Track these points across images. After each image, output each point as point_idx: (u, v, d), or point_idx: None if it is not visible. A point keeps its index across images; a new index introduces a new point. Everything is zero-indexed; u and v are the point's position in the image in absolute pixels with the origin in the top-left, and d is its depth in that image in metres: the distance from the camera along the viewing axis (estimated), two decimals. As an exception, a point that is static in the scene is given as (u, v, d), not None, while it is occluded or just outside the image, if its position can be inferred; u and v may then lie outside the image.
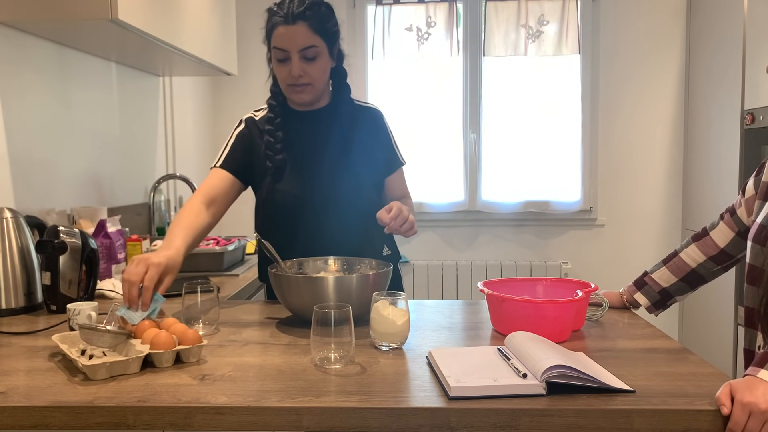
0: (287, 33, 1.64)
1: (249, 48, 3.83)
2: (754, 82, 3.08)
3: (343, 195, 1.73)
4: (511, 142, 3.90)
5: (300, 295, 1.46)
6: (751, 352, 1.36)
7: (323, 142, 1.76)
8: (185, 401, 1.04)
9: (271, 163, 1.73)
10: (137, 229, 2.72)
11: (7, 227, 1.65)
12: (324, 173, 1.74)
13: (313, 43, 1.65)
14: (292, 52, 1.65)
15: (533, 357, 1.12)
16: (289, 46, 1.64)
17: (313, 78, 1.69)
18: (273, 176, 1.74)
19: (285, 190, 1.73)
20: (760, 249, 1.31)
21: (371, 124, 1.82)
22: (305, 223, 1.74)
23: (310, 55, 1.66)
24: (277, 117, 1.76)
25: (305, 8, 1.63)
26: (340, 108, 1.79)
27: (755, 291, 1.33)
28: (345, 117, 1.77)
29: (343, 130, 1.76)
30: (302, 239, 1.74)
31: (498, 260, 3.90)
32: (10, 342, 1.39)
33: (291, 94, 1.73)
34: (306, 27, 1.63)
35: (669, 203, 3.93)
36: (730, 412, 1.00)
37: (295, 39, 1.64)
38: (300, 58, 1.65)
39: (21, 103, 1.99)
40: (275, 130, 1.75)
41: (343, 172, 1.74)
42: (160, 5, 2.13)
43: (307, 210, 1.73)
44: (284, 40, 1.64)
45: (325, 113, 1.79)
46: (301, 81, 1.68)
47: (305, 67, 1.66)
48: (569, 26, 3.77)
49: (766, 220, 1.32)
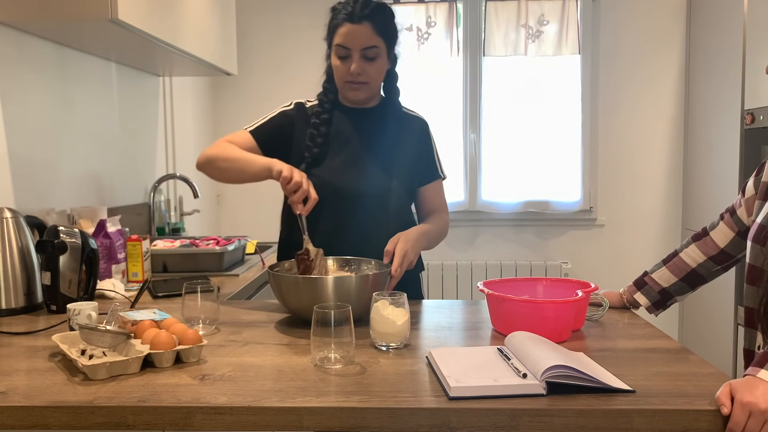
0: (351, 31, 1.68)
1: (249, 48, 3.83)
2: (754, 82, 3.08)
3: (374, 194, 1.75)
4: (511, 142, 3.90)
5: (299, 295, 1.46)
6: (751, 352, 1.36)
7: (366, 139, 1.80)
8: (185, 401, 1.04)
9: (308, 154, 1.76)
10: (137, 229, 2.72)
11: (7, 227, 1.65)
12: (360, 170, 1.76)
13: (375, 44, 1.69)
14: (354, 50, 1.69)
15: (533, 357, 1.12)
16: (352, 44, 1.69)
17: (370, 77, 1.73)
18: (309, 164, 1.76)
19: (320, 176, 1.74)
20: (760, 249, 1.31)
21: (416, 131, 1.85)
22: (332, 215, 1.75)
23: (370, 55, 1.70)
24: (324, 112, 1.80)
25: (371, 10, 1.69)
26: (388, 109, 1.83)
27: (755, 291, 1.33)
28: (391, 119, 1.82)
29: (387, 131, 1.80)
30: (326, 230, 1.74)
31: (498, 260, 3.90)
32: (10, 342, 1.39)
33: (347, 90, 1.77)
34: (370, 27, 1.68)
35: (669, 203, 3.93)
36: (730, 412, 1.01)
37: (358, 38, 1.68)
38: (361, 56, 1.70)
39: (21, 103, 2.00)
40: (320, 124, 1.79)
41: (380, 172, 1.77)
42: (160, 5, 2.13)
43: (336, 202, 1.74)
44: (348, 38, 1.69)
45: (372, 113, 1.83)
46: (359, 79, 1.72)
47: (365, 66, 1.71)
48: (569, 26, 3.77)
49: (766, 220, 1.32)
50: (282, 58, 3.88)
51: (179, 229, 3.01)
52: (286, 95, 3.94)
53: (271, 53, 3.88)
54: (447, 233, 1.88)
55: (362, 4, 1.69)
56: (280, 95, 3.83)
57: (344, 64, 1.72)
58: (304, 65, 3.88)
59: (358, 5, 1.68)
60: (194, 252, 2.23)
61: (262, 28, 3.86)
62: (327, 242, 1.69)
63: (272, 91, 3.88)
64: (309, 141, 1.78)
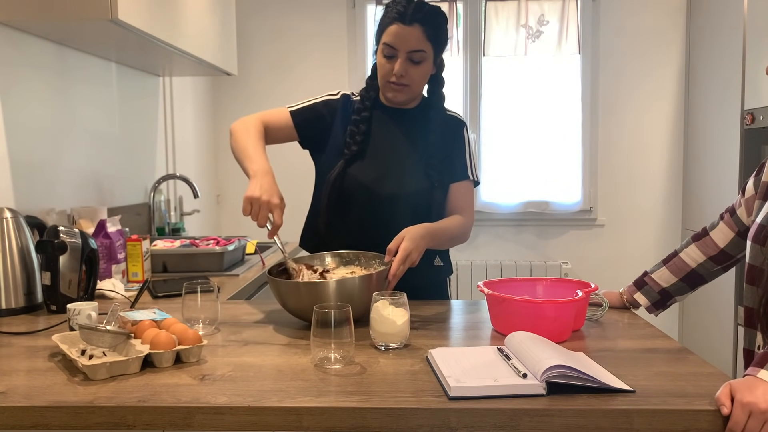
0: (401, 32, 1.66)
1: (249, 48, 3.83)
2: (754, 82, 3.08)
3: (407, 196, 1.74)
4: (511, 142, 3.90)
5: (300, 300, 1.45)
6: (750, 352, 1.36)
7: (403, 141, 1.78)
8: (185, 401, 1.04)
9: (347, 151, 1.75)
10: (137, 229, 2.72)
11: (7, 227, 1.65)
12: (395, 171, 1.75)
13: (422, 48, 1.68)
14: (401, 51, 1.68)
15: (533, 357, 1.12)
16: (400, 45, 1.67)
17: (413, 80, 1.72)
18: (346, 161, 1.75)
19: (355, 176, 1.74)
20: (759, 249, 1.31)
21: (450, 131, 1.82)
22: (365, 215, 1.74)
23: (416, 58, 1.69)
24: (365, 110, 1.79)
25: (424, 13, 1.66)
26: (428, 113, 1.81)
27: (755, 291, 1.33)
28: (430, 122, 1.80)
29: (425, 133, 1.78)
30: (358, 231, 1.74)
31: (498, 260, 3.90)
32: (10, 342, 1.39)
33: (387, 90, 1.75)
34: (420, 31, 1.66)
35: (669, 203, 3.93)
36: (730, 412, 1.01)
37: (407, 40, 1.66)
38: (406, 59, 1.68)
39: (21, 103, 2.00)
40: (361, 121, 1.78)
41: (414, 174, 1.75)
42: (160, 5, 2.13)
43: (369, 202, 1.74)
44: (396, 38, 1.67)
45: (412, 114, 1.81)
46: (402, 81, 1.71)
47: (409, 69, 1.69)
48: (569, 26, 3.77)
49: (766, 220, 1.32)
50: (282, 58, 3.88)
51: (179, 229, 3.01)
52: (286, 95, 3.95)
53: (271, 53, 3.88)
54: (466, 237, 1.83)
55: (416, 6, 1.66)
56: (280, 95, 3.85)
57: (389, 63, 1.70)
58: (304, 65, 3.88)
59: (411, 6, 1.66)
60: (194, 252, 2.23)
61: (262, 28, 3.86)
62: (359, 243, 1.68)
63: (272, 91, 3.88)
64: (349, 138, 1.76)
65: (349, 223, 1.76)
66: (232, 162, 2.03)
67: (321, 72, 3.88)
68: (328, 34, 3.88)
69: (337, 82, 3.79)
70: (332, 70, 3.89)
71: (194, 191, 2.85)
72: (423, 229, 1.61)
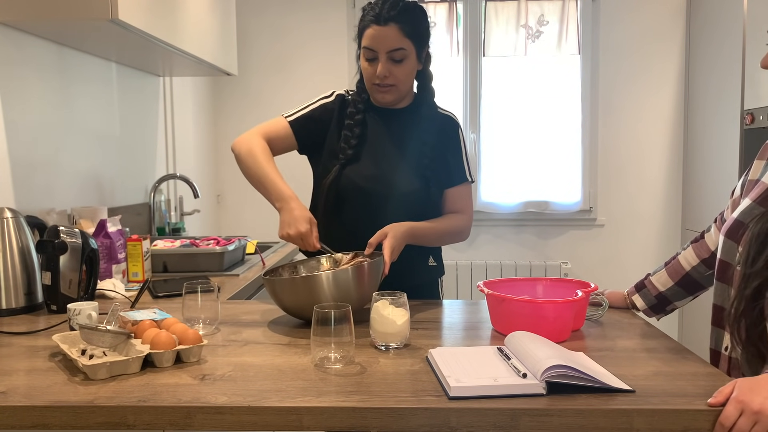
0: (377, 34, 1.66)
1: (249, 48, 3.84)
2: (754, 82, 3.08)
3: (402, 196, 1.74)
4: (511, 142, 3.89)
5: (297, 296, 1.46)
6: (717, 353, 1.33)
7: (397, 141, 1.78)
8: (185, 401, 1.04)
9: (343, 156, 1.76)
10: (137, 229, 2.72)
11: (7, 227, 1.65)
12: (390, 172, 1.75)
13: (401, 46, 1.67)
14: (380, 52, 1.67)
15: (533, 357, 1.12)
16: (378, 46, 1.67)
17: (398, 79, 1.71)
18: (342, 164, 1.76)
19: (350, 178, 1.74)
20: (732, 245, 1.28)
21: (445, 132, 1.82)
22: (361, 216, 1.75)
23: (397, 57, 1.68)
24: (358, 113, 1.79)
25: (398, 11, 1.65)
26: (420, 109, 1.81)
27: (725, 288, 1.30)
28: (423, 120, 1.79)
29: (418, 132, 1.78)
30: (355, 231, 1.74)
31: (498, 260, 3.90)
32: (10, 342, 1.39)
33: (375, 93, 1.76)
34: (397, 29, 1.65)
35: (669, 203, 3.93)
36: (717, 405, 1.00)
37: (384, 40, 1.66)
38: (387, 59, 1.68)
39: (21, 103, 2.00)
40: (354, 125, 1.77)
41: (409, 174, 1.75)
42: (160, 5, 2.13)
43: (365, 203, 1.74)
44: (374, 40, 1.67)
45: (404, 113, 1.81)
46: (386, 82, 1.71)
47: (392, 69, 1.69)
48: (569, 26, 3.77)
49: (743, 216, 1.28)
50: (282, 58, 3.88)
51: (179, 229, 3.01)
52: (286, 95, 3.95)
53: (271, 53, 3.88)
54: (464, 236, 1.84)
55: (390, 4, 1.65)
56: (280, 95, 3.86)
57: (371, 67, 1.70)
58: (304, 65, 3.88)
59: (385, 6, 1.65)
60: (194, 252, 2.23)
61: (262, 28, 3.86)
62: (356, 243, 1.68)
63: (272, 91, 3.88)
64: (343, 143, 1.76)
65: (347, 225, 1.77)
66: (232, 162, 2.03)
67: (321, 72, 3.88)
68: (329, 35, 3.88)
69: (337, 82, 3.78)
70: (332, 70, 3.89)
71: (194, 191, 2.85)
72: (405, 227, 1.66)
